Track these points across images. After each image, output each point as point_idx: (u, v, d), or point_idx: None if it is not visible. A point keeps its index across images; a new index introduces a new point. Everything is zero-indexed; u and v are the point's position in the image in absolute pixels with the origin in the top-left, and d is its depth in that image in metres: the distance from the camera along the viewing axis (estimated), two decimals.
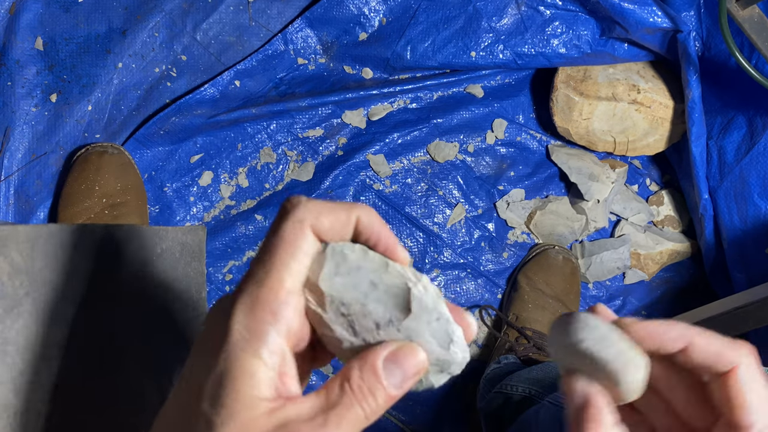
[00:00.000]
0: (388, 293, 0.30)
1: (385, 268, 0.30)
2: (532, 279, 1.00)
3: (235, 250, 1.02)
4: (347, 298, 0.30)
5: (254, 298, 0.27)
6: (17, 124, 0.89)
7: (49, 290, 0.45)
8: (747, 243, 0.94)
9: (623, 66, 1.04)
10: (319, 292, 0.30)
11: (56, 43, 0.91)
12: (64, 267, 0.46)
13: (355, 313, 0.30)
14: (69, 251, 0.46)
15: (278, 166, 1.06)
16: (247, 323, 0.27)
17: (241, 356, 0.27)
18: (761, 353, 1.04)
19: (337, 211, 0.30)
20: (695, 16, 0.95)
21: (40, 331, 0.44)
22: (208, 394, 0.27)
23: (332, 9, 0.98)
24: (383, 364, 0.29)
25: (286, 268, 0.28)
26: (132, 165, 0.95)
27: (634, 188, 1.11)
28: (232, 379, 0.26)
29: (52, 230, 0.46)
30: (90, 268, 0.47)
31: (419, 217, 1.06)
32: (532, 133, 1.10)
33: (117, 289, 0.48)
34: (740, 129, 0.94)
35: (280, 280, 0.28)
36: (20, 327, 0.44)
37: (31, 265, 0.45)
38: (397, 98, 1.08)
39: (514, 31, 1.00)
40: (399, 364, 0.29)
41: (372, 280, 0.30)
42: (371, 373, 0.28)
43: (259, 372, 0.27)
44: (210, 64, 0.99)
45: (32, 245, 0.45)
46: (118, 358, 0.48)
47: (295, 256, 0.28)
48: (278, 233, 0.29)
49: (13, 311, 0.44)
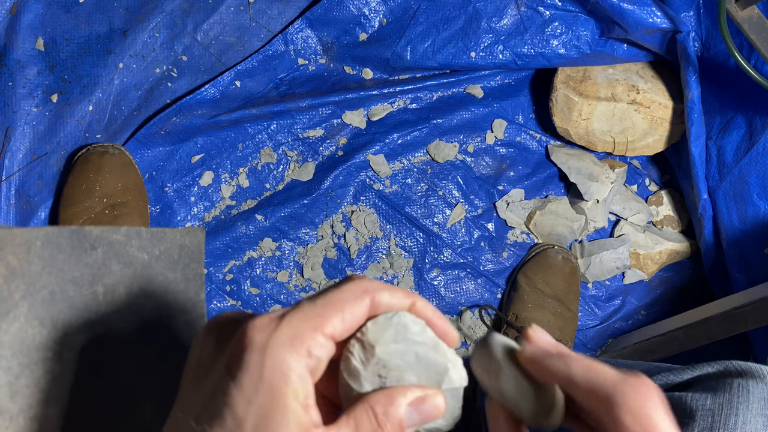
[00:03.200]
0: (428, 369, 0.33)
1: (435, 348, 0.33)
2: (532, 279, 1.00)
3: (236, 250, 1.02)
4: (392, 364, 0.32)
5: (295, 333, 0.29)
6: (18, 124, 0.90)
7: (45, 293, 0.45)
8: (746, 243, 0.94)
9: (622, 66, 1.04)
10: (371, 353, 0.32)
11: (57, 43, 0.92)
12: (61, 270, 0.46)
13: (391, 378, 0.32)
14: (65, 254, 0.46)
15: (279, 166, 1.06)
16: (284, 357, 0.29)
17: (283, 389, 0.28)
18: (761, 353, 1.04)
19: (397, 291, 0.33)
20: (694, 17, 0.95)
21: (36, 335, 0.44)
22: (250, 427, 0.28)
23: (332, 9, 0.98)
24: (406, 406, 0.32)
25: (334, 319, 0.30)
26: (133, 165, 0.96)
27: (634, 188, 1.11)
28: (279, 412, 0.28)
29: (48, 233, 0.46)
30: (87, 270, 0.47)
31: (419, 217, 1.06)
32: (532, 133, 1.11)
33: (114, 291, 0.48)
34: (739, 129, 0.94)
35: (325, 325, 0.30)
36: (16, 330, 0.44)
37: (27, 268, 0.44)
38: (397, 98, 1.09)
39: (514, 31, 1.01)
40: (419, 411, 0.32)
41: (418, 354, 0.33)
42: (395, 411, 0.31)
43: (296, 406, 0.29)
44: (210, 65, 0.99)
45: (28, 248, 0.45)
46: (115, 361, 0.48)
47: (347, 312, 0.31)
48: (341, 288, 0.31)
49: (9, 314, 0.44)
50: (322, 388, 0.35)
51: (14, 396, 0.43)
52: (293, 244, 1.04)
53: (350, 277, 0.32)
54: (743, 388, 0.51)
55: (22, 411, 0.43)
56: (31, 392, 0.43)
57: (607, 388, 0.30)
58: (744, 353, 1.01)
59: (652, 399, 0.30)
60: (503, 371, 0.34)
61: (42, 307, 0.45)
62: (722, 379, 0.52)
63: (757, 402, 0.50)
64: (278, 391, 0.28)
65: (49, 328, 0.45)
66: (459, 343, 0.35)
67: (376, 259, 1.05)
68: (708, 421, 0.50)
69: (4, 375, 0.43)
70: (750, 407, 0.50)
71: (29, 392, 0.43)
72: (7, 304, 0.44)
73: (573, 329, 1.01)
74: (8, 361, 0.43)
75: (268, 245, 1.03)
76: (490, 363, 0.34)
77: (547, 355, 0.33)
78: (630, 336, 1.04)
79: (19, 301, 0.44)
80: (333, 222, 1.04)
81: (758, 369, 0.52)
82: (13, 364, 0.43)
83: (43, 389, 0.44)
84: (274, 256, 1.03)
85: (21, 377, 0.43)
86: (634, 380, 0.30)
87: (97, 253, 0.47)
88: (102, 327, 0.47)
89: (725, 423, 0.50)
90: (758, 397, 0.50)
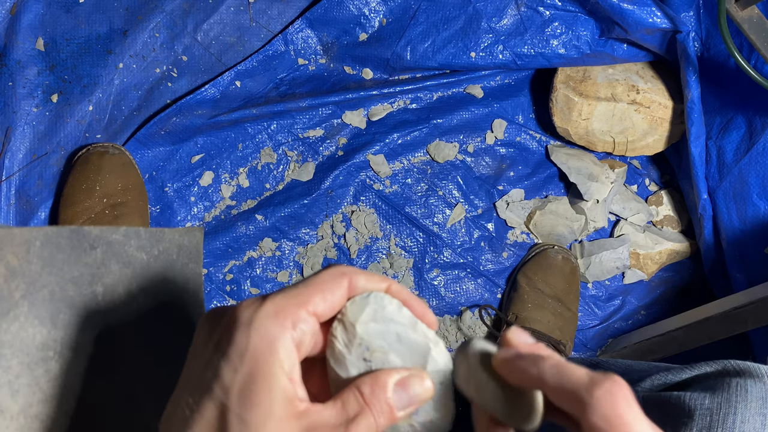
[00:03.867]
0: (411, 350, 0.34)
1: (413, 327, 0.34)
2: (532, 279, 1.00)
3: (236, 250, 1.02)
4: (374, 345, 0.33)
5: (279, 308, 0.30)
6: (18, 124, 0.90)
7: (45, 292, 0.45)
8: (746, 243, 0.94)
9: (622, 66, 1.04)
10: (353, 333, 0.33)
11: (57, 43, 0.92)
12: (60, 269, 0.46)
13: (375, 360, 0.33)
14: (65, 253, 0.46)
15: (279, 166, 1.06)
16: (269, 327, 0.30)
17: (267, 357, 0.29)
18: (761, 353, 1.04)
19: (374, 275, 0.34)
20: (694, 17, 0.95)
21: (37, 334, 0.44)
22: (236, 393, 0.29)
23: (332, 9, 0.98)
24: (393, 387, 0.32)
25: (316, 297, 0.32)
26: (133, 165, 0.96)
27: (634, 188, 1.11)
28: (263, 378, 0.29)
29: (47, 232, 0.46)
30: (86, 270, 0.47)
31: (419, 217, 1.06)
32: (532, 133, 1.11)
33: (114, 291, 0.48)
34: (739, 129, 0.94)
35: (308, 302, 0.31)
36: (16, 329, 0.44)
37: (27, 268, 0.45)
38: (397, 98, 1.09)
39: (514, 31, 1.01)
40: (407, 390, 0.32)
41: (398, 334, 0.33)
42: (382, 392, 0.32)
43: (281, 374, 0.29)
44: (211, 65, 0.99)
45: (28, 247, 0.45)
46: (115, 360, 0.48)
47: (327, 293, 0.32)
48: (321, 273, 0.33)
49: (10, 314, 0.44)
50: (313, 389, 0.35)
51: (15, 395, 0.43)
52: (293, 244, 1.04)
53: (329, 265, 0.34)
54: (741, 387, 0.51)
55: (23, 410, 0.43)
56: (31, 391, 0.44)
57: (578, 391, 0.30)
58: (744, 353, 1.01)
59: (624, 399, 0.29)
60: (479, 378, 0.34)
61: (42, 307, 0.45)
62: (720, 379, 0.52)
63: (755, 401, 0.50)
64: (264, 359, 0.29)
65: (49, 328, 0.45)
66: (437, 325, 0.36)
67: (376, 259, 1.05)
68: (706, 420, 0.50)
69: (4, 374, 0.43)
70: (748, 406, 0.50)
71: (29, 391, 0.43)
72: (7, 304, 0.44)
73: (573, 329, 1.01)
74: (8, 360, 0.43)
75: (268, 245, 1.03)
76: (468, 370, 0.35)
77: (517, 357, 0.33)
78: (630, 336, 1.04)
79: (19, 301, 0.44)
80: (333, 222, 1.04)
81: (756, 368, 0.52)
82: (13, 363, 0.43)
83: (43, 388, 0.44)
84: (274, 256, 1.03)
85: (21, 376, 0.43)
86: (603, 380, 0.30)
87: (96, 252, 0.47)
88: (101, 326, 0.47)
89: (723, 422, 0.50)
90: (756, 397, 0.50)
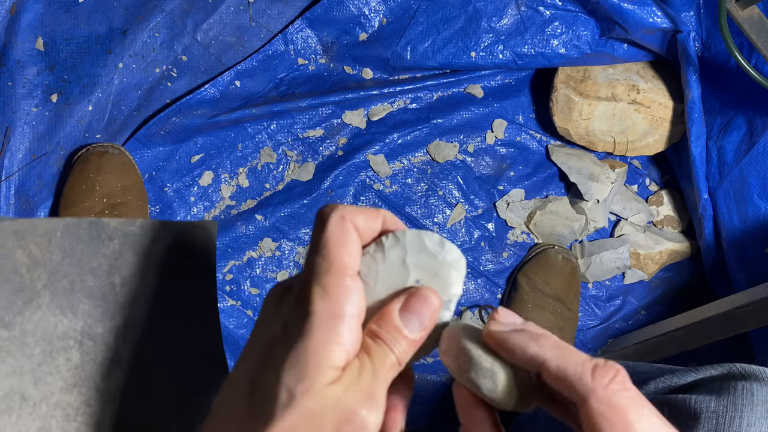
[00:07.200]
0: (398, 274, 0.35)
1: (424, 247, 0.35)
2: (532, 279, 1.00)
3: (236, 250, 1.02)
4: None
5: (324, 287, 0.31)
6: (18, 124, 0.90)
7: (65, 282, 0.46)
8: (747, 243, 0.94)
9: (623, 66, 1.04)
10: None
11: (57, 43, 0.92)
12: (80, 260, 0.47)
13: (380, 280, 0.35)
14: (84, 244, 0.48)
15: (278, 166, 1.06)
16: (327, 307, 0.30)
17: (326, 336, 0.30)
18: (761, 353, 1.04)
19: (368, 211, 0.34)
20: (695, 17, 0.95)
21: (58, 323, 0.46)
22: (290, 368, 0.29)
23: (332, 9, 0.98)
24: (399, 314, 0.33)
25: (345, 258, 0.32)
26: (132, 165, 0.96)
27: (634, 188, 1.11)
28: (316, 353, 0.29)
29: (68, 223, 0.48)
30: (104, 261, 0.48)
31: (419, 217, 1.06)
32: (532, 133, 1.11)
33: (130, 282, 0.49)
34: (740, 129, 0.94)
35: (343, 269, 0.32)
36: (39, 318, 0.45)
37: (49, 258, 0.46)
38: (397, 98, 1.09)
39: (514, 31, 1.01)
40: (413, 312, 0.33)
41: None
42: (388, 320, 0.32)
43: (338, 349, 0.30)
44: (210, 65, 0.99)
45: (49, 238, 0.46)
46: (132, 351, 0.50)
47: (347, 247, 0.32)
48: (327, 230, 0.32)
49: (32, 303, 0.45)
50: None
51: (37, 383, 0.44)
52: (293, 244, 1.04)
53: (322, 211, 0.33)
54: (747, 390, 0.51)
55: (45, 398, 0.44)
56: (53, 379, 0.45)
57: (581, 374, 0.30)
58: (744, 353, 1.01)
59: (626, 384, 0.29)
60: (467, 353, 0.33)
61: (63, 297, 0.46)
62: (726, 382, 0.52)
63: (761, 405, 0.50)
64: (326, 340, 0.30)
65: (70, 317, 0.46)
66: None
67: None
68: (712, 423, 0.50)
69: (27, 362, 0.44)
70: (754, 410, 0.50)
71: (51, 379, 0.45)
72: (30, 293, 0.45)
73: (573, 329, 1.01)
74: (31, 349, 0.44)
75: (268, 245, 1.03)
76: (450, 343, 0.34)
77: (515, 332, 0.33)
78: (630, 336, 1.04)
79: (41, 290, 0.45)
80: None
81: (762, 372, 0.52)
82: (36, 352, 0.44)
83: (64, 377, 0.45)
84: (274, 256, 1.03)
85: (43, 364, 0.45)
86: (606, 365, 0.30)
87: (114, 244, 0.49)
88: (119, 317, 0.48)
89: (730, 425, 0.50)
90: (762, 400, 0.50)
